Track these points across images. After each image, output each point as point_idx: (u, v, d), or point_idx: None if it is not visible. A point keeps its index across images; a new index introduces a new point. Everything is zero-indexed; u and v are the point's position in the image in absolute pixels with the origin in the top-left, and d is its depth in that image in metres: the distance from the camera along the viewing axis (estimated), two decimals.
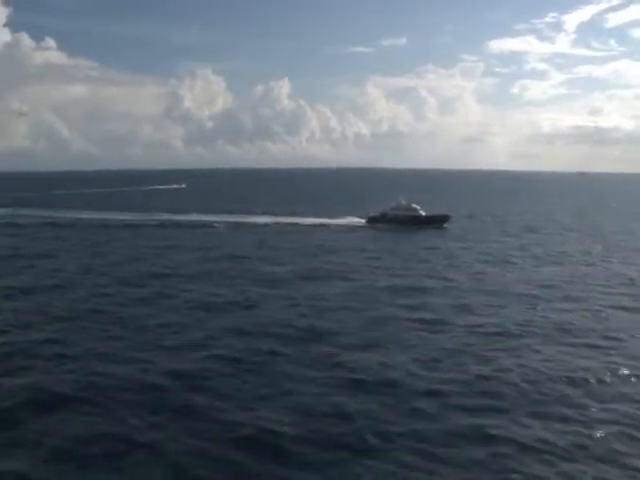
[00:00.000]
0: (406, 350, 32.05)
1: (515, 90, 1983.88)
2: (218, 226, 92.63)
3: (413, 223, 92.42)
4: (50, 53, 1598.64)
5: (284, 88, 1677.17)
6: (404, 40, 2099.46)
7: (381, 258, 64.15)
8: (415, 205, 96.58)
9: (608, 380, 27.73)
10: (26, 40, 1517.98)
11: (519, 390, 26.40)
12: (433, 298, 44.71)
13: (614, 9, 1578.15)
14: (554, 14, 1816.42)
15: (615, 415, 23.95)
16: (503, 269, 57.75)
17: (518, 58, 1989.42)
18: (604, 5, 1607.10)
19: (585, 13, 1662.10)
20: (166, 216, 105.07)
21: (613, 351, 32.09)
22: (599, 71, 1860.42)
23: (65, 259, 62.05)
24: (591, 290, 47.92)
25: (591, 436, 22.15)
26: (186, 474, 19.94)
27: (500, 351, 31.93)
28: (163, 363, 29.64)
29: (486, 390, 26.43)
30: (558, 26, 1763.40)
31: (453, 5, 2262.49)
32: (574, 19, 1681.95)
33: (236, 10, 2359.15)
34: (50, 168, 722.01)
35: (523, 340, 33.99)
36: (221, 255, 64.79)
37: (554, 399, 25.54)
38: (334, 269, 56.62)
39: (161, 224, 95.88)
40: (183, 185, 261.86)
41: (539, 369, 28.99)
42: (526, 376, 28.00)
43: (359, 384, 27.11)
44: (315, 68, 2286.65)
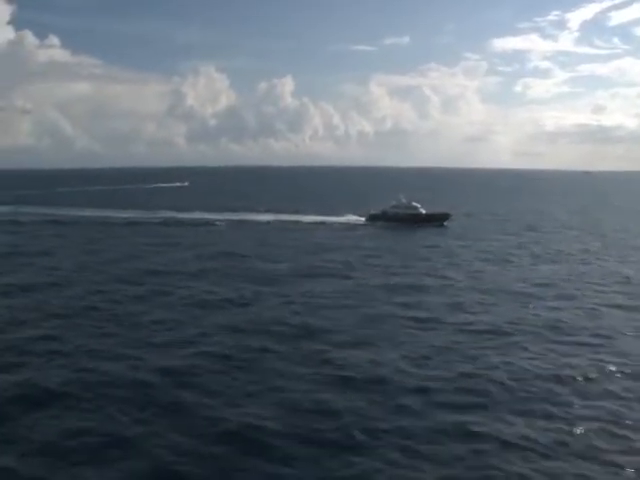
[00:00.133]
0: (396, 347, 32.22)
1: (518, 88, 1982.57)
2: (220, 224, 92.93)
3: (413, 221, 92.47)
4: (54, 51, 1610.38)
5: (287, 85, 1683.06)
6: (407, 39, 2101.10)
7: (380, 256, 64.15)
8: (415, 203, 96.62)
9: (594, 377, 27.82)
10: (30, 38, 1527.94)
11: (505, 388, 26.49)
12: (429, 296, 44.83)
13: (617, 7, 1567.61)
14: (557, 12, 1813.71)
15: (598, 412, 24.07)
16: (502, 267, 57.76)
17: (521, 56, 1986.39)
18: (607, 3, 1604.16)
19: (588, 11, 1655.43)
20: (168, 214, 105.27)
21: (602, 349, 32.14)
22: (602, 69, 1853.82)
23: (64, 256, 62.30)
24: (586, 288, 47.98)
25: (573, 433, 22.28)
26: (172, 469, 20.13)
27: (489, 349, 32.03)
28: (154, 360, 29.87)
29: (472, 388, 26.55)
30: (561, 24, 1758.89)
31: (455, 4, 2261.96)
32: (577, 17, 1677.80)
33: (238, 9, 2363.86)
34: (53, 166, 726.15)
35: (513, 338, 34.07)
36: (220, 253, 64.86)
37: (539, 396, 25.62)
38: (332, 267, 56.75)
39: (163, 222, 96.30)
40: (186, 183, 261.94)
41: (526, 367, 29.08)
42: (512, 374, 28.09)
43: (348, 381, 27.27)
44: (318, 66, 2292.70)
